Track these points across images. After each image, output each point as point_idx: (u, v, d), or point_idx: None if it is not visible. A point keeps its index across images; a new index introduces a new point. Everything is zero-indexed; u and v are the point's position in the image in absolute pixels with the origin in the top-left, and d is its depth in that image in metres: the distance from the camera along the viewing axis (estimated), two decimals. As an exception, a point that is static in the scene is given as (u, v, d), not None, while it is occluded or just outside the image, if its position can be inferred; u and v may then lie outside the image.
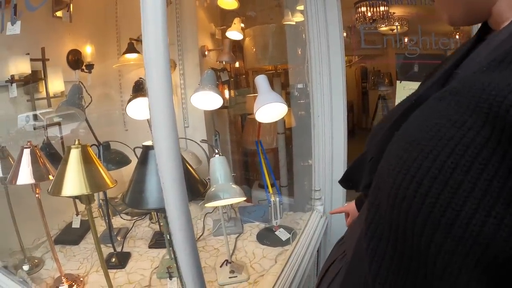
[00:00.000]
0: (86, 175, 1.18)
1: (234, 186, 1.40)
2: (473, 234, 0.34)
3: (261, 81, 1.81)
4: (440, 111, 0.41)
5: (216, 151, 1.48)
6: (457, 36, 2.45)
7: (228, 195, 1.35)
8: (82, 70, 2.35)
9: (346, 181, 0.80)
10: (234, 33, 2.71)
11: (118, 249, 1.77)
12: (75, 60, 2.31)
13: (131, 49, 2.41)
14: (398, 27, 2.64)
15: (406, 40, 2.40)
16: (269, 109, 1.78)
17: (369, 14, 2.98)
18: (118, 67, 2.58)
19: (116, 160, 1.97)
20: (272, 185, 2.01)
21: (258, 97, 1.78)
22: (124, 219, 2.11)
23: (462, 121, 0.37)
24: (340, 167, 2.14)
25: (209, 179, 1.41)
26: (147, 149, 1.10)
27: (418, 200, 0.38)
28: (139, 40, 2.58)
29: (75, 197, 1.23)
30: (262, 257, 1.72)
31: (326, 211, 2.12)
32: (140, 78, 2.08)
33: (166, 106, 0.69)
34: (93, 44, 2.39)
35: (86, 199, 1.20)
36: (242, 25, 2.88)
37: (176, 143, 0.71)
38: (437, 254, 0.37)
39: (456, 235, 0.35)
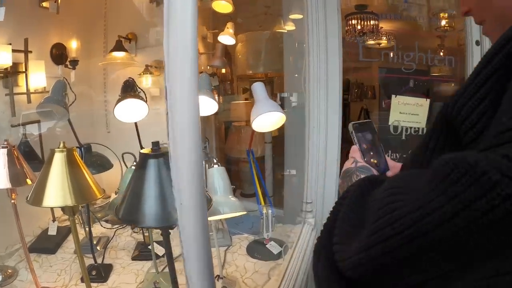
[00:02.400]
0: (71, 184, 1.01)
1: (233, 198, 1.26)
2: None
3: (258, 88, 1.68)
4: None
5: (215, 160, 1.33)
6: (441, 54, 2.40)
7: (227, 209, 1.20)
8: (66, 66, 2.16)
9: None
10: (226, 38, 2.57)
11: (99, 261, 1.58)
12: (59, 55, 2.11)
13: (119, 47, 2.24)
14: (385, 41, 2.59)
15: (391, 54, 2.34)
16: (266, 118, 1.65)
17: (358, 27, 2.90)
18: (104, 65, 2.39)
19: (97, 164, 1.80)
20: (263, 196, 1.88)
21: (255, 105, 1.66)
22: (104, 227, 1.91)
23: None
24: (332, 180, 2.02)
25: (206, 191, 1.25)
26: (146, 158, 0.93)
27: None
28: (127, 38, 2.41)
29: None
30: (254, 272, 1.57)
31: (317, 224, 1.99)
32: (130, 78, 1.91)
33: (192, 114, 0.54)
34: (79, 39, 2.20)
35: (70, 210, 1.03)
36: (231, 30, 2.74)
37: (199, 155, 0.57)
38: None
39: None
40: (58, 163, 1.03)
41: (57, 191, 0.98)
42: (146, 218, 0.84)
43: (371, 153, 0.84)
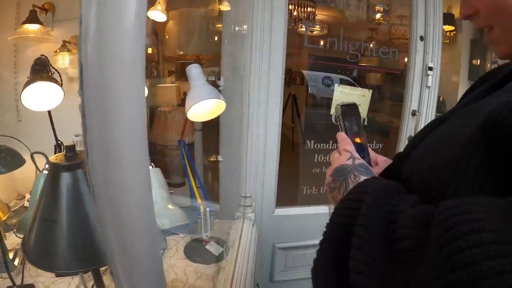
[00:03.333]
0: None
1: (172, 207, 1.03)
2: None
3: (194, 71, 1.46)
4: None
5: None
6: (371, 45, 2.35)
7: (167, 222, 0.97)
8: (-32, 40, 1.74)
9: None
10: (157, 13, 2.24)
11: (17, 281, 1.24)
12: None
13: (33, 18, 1.84)
14: (318, 29, 2.50)
15: (322, 42, 2.25)
16: (204, 106, 1.44)
17: (295, 13, 2.76)
18: (14, 39, 1.96)
19: (7, 160, 1.45)
20: (198, 187, 1.66)
21: (190, 91, 1.44)
22: (20, 238, 1.53)
23: None
24: (272, 172, 1.87)
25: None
26: (57, 170, 0.66)
27: None
28: (43, 9, 1.99)
29: None
30: (197, 278, 1.37)
31: (257, 219, 1.83)
32: (42, 55, 1.57)
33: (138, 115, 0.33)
34: (-14, 8, 1.76)
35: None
36: (160, 7, 2.42)
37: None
38: None
39: None
40: None
41: None
42: (63, 259, 0.59)
43: (358, 146, 0.67)
